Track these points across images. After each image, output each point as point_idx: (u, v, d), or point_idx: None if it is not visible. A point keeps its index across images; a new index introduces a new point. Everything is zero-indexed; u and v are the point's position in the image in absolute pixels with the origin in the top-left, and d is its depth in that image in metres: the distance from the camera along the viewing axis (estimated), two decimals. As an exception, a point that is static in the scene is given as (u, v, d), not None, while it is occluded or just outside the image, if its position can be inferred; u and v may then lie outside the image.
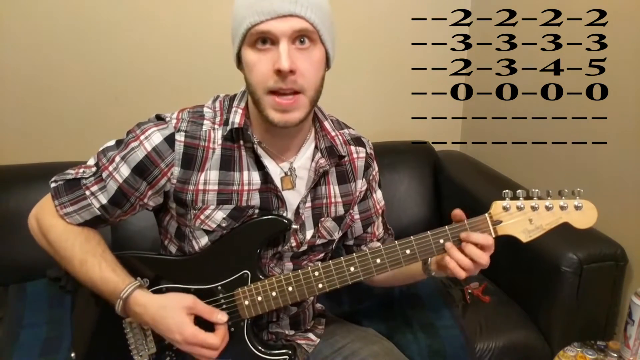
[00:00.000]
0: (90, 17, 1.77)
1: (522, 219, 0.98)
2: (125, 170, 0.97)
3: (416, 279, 1.14)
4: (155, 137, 0.96)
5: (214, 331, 0.96)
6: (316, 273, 0.99)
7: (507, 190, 0.98)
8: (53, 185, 1.03)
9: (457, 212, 0.99)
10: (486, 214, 0.99)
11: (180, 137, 0.96)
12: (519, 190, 0.98)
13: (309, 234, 1.07)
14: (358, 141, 1.14)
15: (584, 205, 0.98)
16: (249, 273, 1.01)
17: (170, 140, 0.96)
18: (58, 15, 1.74)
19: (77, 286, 1.05)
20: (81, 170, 1.01)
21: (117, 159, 0.98)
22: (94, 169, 1.00)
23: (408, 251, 0.98)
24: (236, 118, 0.98)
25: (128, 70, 1.84)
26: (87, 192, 0.99)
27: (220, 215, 1.00)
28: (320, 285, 0.99)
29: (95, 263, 0.96)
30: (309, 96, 0.92)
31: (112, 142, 1.02)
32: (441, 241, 0.98)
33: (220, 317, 0.97)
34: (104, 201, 0.99)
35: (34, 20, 1.73)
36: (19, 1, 1.70)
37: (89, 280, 0.97)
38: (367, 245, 1.20)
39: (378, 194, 1.20)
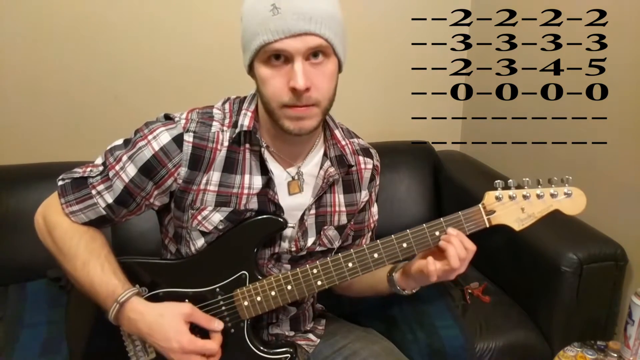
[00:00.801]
0: (90, 17, 1.77)
1: (514, 208, 1.00)
2: (131, 170, 0.96)
3: (378, 291, 1.14)
4: (163, 137, 0.95)
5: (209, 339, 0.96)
6: (314, 271, 0.99)
7: (498, 181, 1.00)
8: (60, 183, 1.02)
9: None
10: (479, 205, 1.00)
11: (188, 138, 0.96)
12: (510, 180, 1.00)
13: (310, 240, 1.07)
14: (366, 152, 1.14)
15: (573, 192, 0.99)
16: (246, 274, 1.00)
17: (178, 140, 0.95)
18: (58, 16, 1.74)
19: (70, 293, 1.04)
20: (88, 169, 1.01)
21: (124, 158, 0.97)
22: (101, 168, 1.00)
23: (405, 244, 0.99)
24: (245, 121, 0.98)
25: (128, 70, 1.84)
26: (94, 191, 0.99)
27: (217, 217, 1.00)
28: (319, 283, 0.99)
29: (97, 264, 0.96)
30: (323, 107, 0.92)
31: (120, 141, 1.01)
32: (437, 233, 0.98)
33: (217, 325, 0.97)
34: (110, 200, 0.99)
35: (34, 20, 1.73)
36: (19, 1, 1.70)
37: (88, 282, 0.96)
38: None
39: (374, 208, 1.20)
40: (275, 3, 0.84)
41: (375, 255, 0.99)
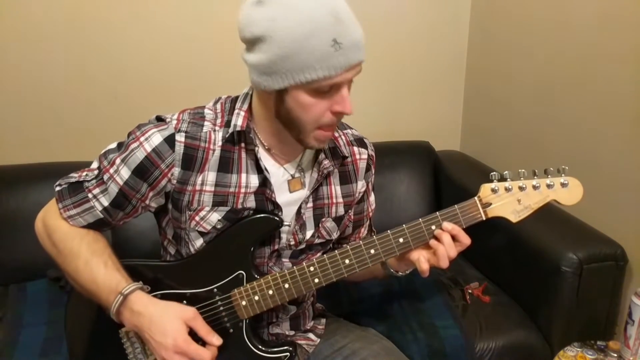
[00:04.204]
0: (91, 17, 1.77)
1: (510, 200, 0.99)
2: (125, 172, 0.97)
3: (374, 274, 1.15)
4: (155, 138, 0.96)
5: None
6: (311, 268, 0.99)
7: (494, 173, 0.99)
8: (57, 188, 1.02)
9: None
10: (475, 197, 1.00)
11: (180, 138, 0.96)
12: (506, 172, 0.99)
13: (308, 233, 1.07)
14: (360, 142, 1.14)
15: (569, 182, 0.98)
16: (243, 273, 1.00)
17: (170, 140, 0.96)
18: (58, 15, 1.74)
19: (70, 295, 1.04)
20: (84, 173, 1.01)
21: (118, 161, 0.97)
22: (96, 172, 1.00)
23: (401, 239, 0.99)
24: (238, 120, 0.98)
25: (128, 70, 1.85)
26: (90, 195, 0.99)
27: (215, 217, 1.00)
28: (316, 280, 0.99)
29: (100, 262, 0.96)
30: None
31: (113, 145, 1.02)
32: (433, 227, 0.99)
33: (215, 340, 0.95)
34: (106, 204, 0.99)
35: (34, 20, 1.73)
36: (19, 1, 1.70)
37: (90, 279, 0.96)
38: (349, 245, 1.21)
39: (372, 197, 1.21)
40: (336, 38, 0.83)
41: (372, 251, 0.99)
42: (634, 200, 1.44)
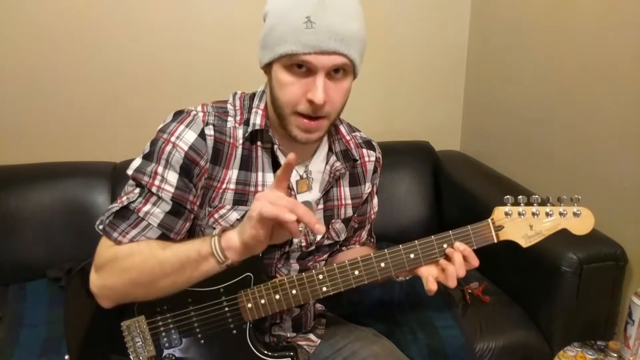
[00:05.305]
0: (91, 17, 1.77)
1: (523, 225, 0.99)
2: (173, 177, 0.93)
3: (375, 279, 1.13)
4: (188, 136, 0.94)
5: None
6: (320, 276, 0.98)
7: (508, 196, 0.99)
8: (101, 226, 0.95)
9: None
10: (489, 220, 1.00)
11: (209, 131, 0.95)
12: (520, 197, 0.99)
13: (319, 235, 1.08)
14: (369, 144, 1.15)
15: (582, 213, 1.00)
16: (252, 275, 0.99)
17: (203, 135, 0.95)
18: (58, 16, 1.74)
19: (68, 289, 1.03)
20: (124, 198, 0.95)
21: (160, 169, 0.93)
22: (137, 190, 0.94)
23: (412, 255, 0.99)
24: (257, 119, 0.98)
25: (128, 70, 1.85)
26: (141, 214, 0.93)
27: (234, 216, 0.99)
28: (324, 289, 0.99)
29: (176, 244, 0.91)
30: (332, 119, 0.95)
31: (139, 160, 0.96)
32: (445, 246, 0.98)
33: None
34: (162, 216, 0.94)
35: (34, 21, 1.73)
36: (19, 2, 1.70)
37: (176, 257, 0.88)
38: (347, 247, 1.22)
39: (375, 200, 1.22)
40: (310, 17, 0.84)
41: (382, 264, 0.99)
42: (634, 200, 1.45)
